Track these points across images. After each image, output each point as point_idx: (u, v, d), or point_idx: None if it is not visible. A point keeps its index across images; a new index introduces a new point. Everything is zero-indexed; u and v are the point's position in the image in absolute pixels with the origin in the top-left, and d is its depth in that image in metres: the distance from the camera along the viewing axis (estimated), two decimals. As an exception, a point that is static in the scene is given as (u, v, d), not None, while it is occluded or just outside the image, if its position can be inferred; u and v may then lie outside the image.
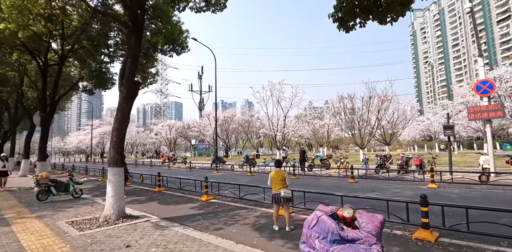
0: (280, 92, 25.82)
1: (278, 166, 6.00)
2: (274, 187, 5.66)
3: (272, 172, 5.80)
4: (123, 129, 6.90)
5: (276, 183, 5.65)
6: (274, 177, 5.67)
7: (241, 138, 50.89)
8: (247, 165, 19.08)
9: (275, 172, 5.72)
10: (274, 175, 5.69)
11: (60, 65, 12.57)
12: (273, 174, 5.71)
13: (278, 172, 5.73)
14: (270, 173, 5.80)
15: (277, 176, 5.66)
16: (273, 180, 5.68)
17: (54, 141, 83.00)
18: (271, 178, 5.74)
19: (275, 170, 5.79)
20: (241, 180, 14.32)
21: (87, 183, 14.75)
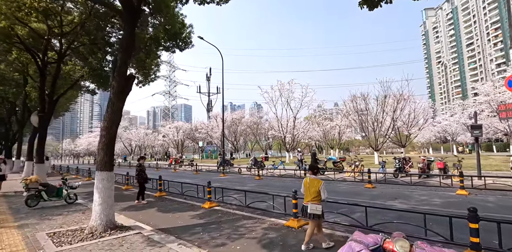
0: (290, 92, 24.89)
1: (315, 173, 4.77)
2: (305, 197, 4.64)
3: (306, 178, 4.70)
4: (113, 128, 6.11)
5: (306, 193, 4.62)
6: (307, 186, 4.60)
7: (250, 140, 50.04)
8: (255, 168, 18.17)
9: (309, 181, 4.59)
10: (307, 184, 4.61)
11: (58, 63, 11.97)
12: (306, 181, 4.63)
13: (313, 181, 4.55)
14: (304, 180, 4.73)
15: (310, 186, 4.56)
16: (305, 189, 4.64)
17: (65, 143, 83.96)
18: (303, 185, 4.70)
19: (310, 178, 4.63)
20: (248, 184, 13.41)
21: (86, 186, 14.11)
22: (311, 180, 4.59)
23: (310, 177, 4.65)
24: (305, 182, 4.63)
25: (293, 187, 12.16)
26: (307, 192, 4.56)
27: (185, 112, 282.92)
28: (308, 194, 4.55)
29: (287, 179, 15.01)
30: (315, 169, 4.81)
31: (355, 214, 6.30)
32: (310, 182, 4.56)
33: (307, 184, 4.57)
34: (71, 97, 20.26)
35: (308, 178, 4.64)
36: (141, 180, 9.47)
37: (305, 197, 4.61)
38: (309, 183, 4.57)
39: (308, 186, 4.56)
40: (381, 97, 20.86)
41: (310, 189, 4.51)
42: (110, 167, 5.97)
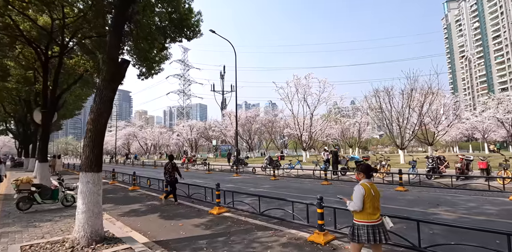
0: (307, 87, 23.47)
1: (369, 175, 3.30)
2: (370, 212, 3.09)
3: (365, 184, 3.16)
4: (101, 121, 5.12)
5: (374, 205, 3.12)
6: (372, 196, 3.10)
7: (264, 139, 48.89)
8: (270, 168, 17.01)
9: (372, 186, 3.16)
10: (371, 192, 3.10)
11: (60, 56, 11.27)
12: (368, 187, 3.12)
13: (374, 186, 3.22)
14: (361, 188, 3.12)
15: (375, 194, 3.15)
16: (370, 200, 3.08)
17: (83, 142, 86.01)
18: (365, 196, 3.07)
19: (370, 183, 3.21)
20: (263, 185, 12.27)
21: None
22: (372, 185, 3.18)
23: (367, 182, 3.20)
24: (368, 190, 3.09)
25: (313, 190, 10.92)
26: (375, 204, 3.11)
27: (200, 112, 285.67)
28: (376, 206, 3.11)
29: (305, 180, 13.77)
30: (370, 169, 3.32)
31: (411, 232, 5.03)
32: (374, 189, 3.15)
33: (372, 193, 3.10)
34: (81, 95, 19.82)
35: (368, 183, 3.17)
36: (174, 180, 8.80)
37: (369, 211, 3.07)
38: (373, 190, 3.12)
39: (373, 195, 3.10)
40: (407, 90, 19.14)
41: (377, 198, 3.14)
42: (97, 167, 4.99)
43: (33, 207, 7.75)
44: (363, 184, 3.12)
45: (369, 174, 3.27)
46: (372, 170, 3.32)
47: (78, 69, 12.40)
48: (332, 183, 12.35)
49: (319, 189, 11.05)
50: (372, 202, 3.04)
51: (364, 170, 3.26)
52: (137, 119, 76.01)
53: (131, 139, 59.35)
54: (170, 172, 8.80)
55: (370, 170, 3.27)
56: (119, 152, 69.08)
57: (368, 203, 3.02)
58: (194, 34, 11.46)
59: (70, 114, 29.44)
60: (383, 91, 20.08)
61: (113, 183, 14.26)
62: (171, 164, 8.89)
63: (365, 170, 3.26)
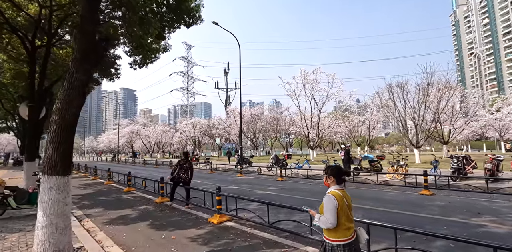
0: (315, 83, 22.25)
1: (341, 180, 2.60)
2: (345, 228, 2.42)
3: (336, 192, 2.46)
4: (70, 111, 4.08)
5: (349, 218, 2.47)
6: (346, 206, 2.45)
7: (269, 137, 47.79)
8: (276, 168, 15.92)
9: (344, 194, 2.51)
10: (345, 202, 2.45)
11: (48, 45, 10.27)
12: (341, 197, 2.44)
13: (346, 193, 2.55)
14: (333, 198, 2.42)
15: (349, 203, 2.52)
16: (344, 213, 2.42)
17: (88, 140, 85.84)
18: (339, 208, 2.39)
19: (342, 190, 2.53)
20: (270, 187, 11.19)
21: (86, 187, 12.50)
22: (344, 192, 2.52)
23: (339, 189, 2.51)
24: (342, 200, 2.43)
25: (324, 192, 9.83)
26: (350, 216, 2.49)
27: (204, 110, 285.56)
28: (349, 218, 2.47)
29: (315, 181, 12.65)
30: (343, 174, 2.62)
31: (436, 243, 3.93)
32: (348, 198, 2.54)
33: (346, 202, 2.48)
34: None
35: (339, 191, 2.48)
36: (187, 179, 8.03)
37: (346, 226, 2.42)
38: (345, 198, 2.49)
39: (348, 204, 2.50)
40: (424, 85, 17.85)
41: (351, 208, 2.55)
42: (64, 169, 3.95)
43: (7, 212, 6.78)
44: (335, 193, 2.44)
45: (341, 178, 2.57)
46: (344, 173, 2.61)
47: (68, 60, 11.38)
48: (347, 186, 11.21)
49: (332, 191, 9.93)
50: (346, 214, 2.42)
51: (335, 174, 2.55)
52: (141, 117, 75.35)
53: (134, 137, 58.66)
54: (187, 171, 8.03)
55: (342, 174, 2.58)
56: (123, 150, 68.64)
57: (343, 217, 2.39)
58: (194, 20, 10.40)
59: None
60: (397, 86, 18.82)
61: (108, 184, 13.31)
62: (189, 162, 8.14)
63: (336, 174, 2.55)
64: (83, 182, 14.49)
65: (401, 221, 5.83)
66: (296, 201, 8.19)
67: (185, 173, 8.02)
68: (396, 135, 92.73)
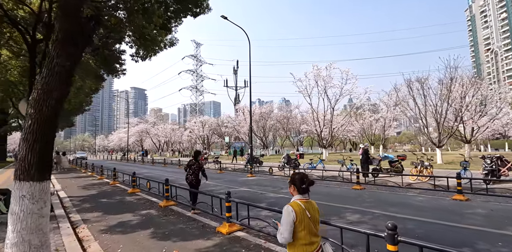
0: (328, 79, 21.24)
1: (304, 190, 2.32)
2: (305, 243, 2.20)
3: (297, 203, 2.26)
4: (49, 103, 3.39)
5: (311, 232, 2.24)
6: (308, 218, 2.22)
7: (279, 136, 46.90)
8: (288, 168, 15.09)
9: (307, 205, 2.27)
10: (306, 214, 2.22)
11: (46, 39, 9.71)
12: (301, 208, 2.22)
13: (311, 204, 2.33)
14: (291, 210, 2.21)
15: (312, 215, 2.27)
16: (305, 227, 2.20)
17: (99, 139, 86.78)
18: (297, 221, 2.18)
19: (304, 200, 2.30)
20: (283, 189, 10.39)
21: (90, 188, 11.97)
22: (308, 203, 2.31)
23: (301, 199, 2.29)
24: (302, 212, 2.21)
25: (344, 196, 8.93)
26: (313, 230, 2.24)
27: (214, 109, 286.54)
28: (315, 233, 2.26)
29: (331, 182, 11.78)
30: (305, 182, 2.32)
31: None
32: (312, 209, 2.29)
33: (309, 214, 2.23)
34: (83, 87, 18.43)
35: (301, 202, 2.27)
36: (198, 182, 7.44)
37: (307, 241, 2.20)
38: (308, 209, 2.25)
39: (311, 217, 2.25)
40: (447, 79, 16.66)
41: (317, 221, 2.32)
42: (40, 173, 3.25)
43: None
44: (294, 204, 2.25)
45: (302, 187, 2.30)
46: (307, 182, 2.30)
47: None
48: (366, 187, 10.31)
49: (352, 194, 9.06)
50: (309, 228, 2.21)
51: (296, 182, 2.32)
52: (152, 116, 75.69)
53: (144, 136, 58.74)
54: (195, 173, 7.30)
55: (303, 182, 2.30)
56: (133, 149, 68.98)
57: (302, 231, 2.19)
58: (201, 10, 9.69)
59: (78, 109, 28.44)
60: (416, 82, 17.66)
61: (113, 184, 12.77)
62: (198, 164, 7.36)
63: (297, 182, 2.31)
64: (88, 182, 14.01)
65: (443, 233, 4.94)
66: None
67: (192, 175, 7.32)
68: (408, 134, 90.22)
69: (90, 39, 3.97)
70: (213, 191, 10.10)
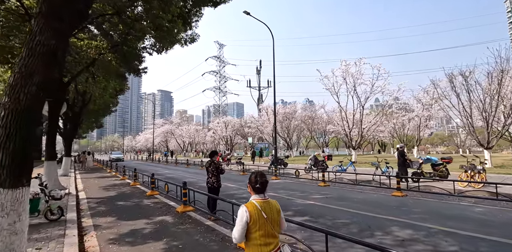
0: (358, 75, 19.80)
1: (259, 189, 2.21)
2: (260, 243, 2.08)
3: (252, 204, 2.14)
4: (30, 90, 2.70)
5: (268, 232, 2.11)
6: (264, 219, 2.09)
7: (304, 136, 45.48)
8: (315, 170, 14.00)
9: (264, 205, 2.15)
10: (262, 215, 2.09)
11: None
12: (257, 209, 2.10)
13: (269, 203, 2.19)
14: (245, 210, 2.09)
15: (269, 215, 2.13)
16: (260, 227, 2.09)
17: (127, 140, 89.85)
18: (251, 222, 2.06)
19: (261, 200, 2.17)
20: (312, 195, 9.36)
21: (110, 189, 11.64)
22: (266, 203, 2.17)
23: (257, 199, 2.17)
24: (257, 212, 2.08)
25: (385, 204, 7.76)
26: (270, 231, 2.10)
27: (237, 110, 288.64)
28: (272, 234, 2.12)
29: (365, 187, 10.56)
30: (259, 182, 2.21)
31: None
32: (269, 209, 2.16)
33: (265, 215, 2.10)
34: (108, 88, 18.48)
35: (258, 203, 2.14)
36: (218, 186, 6.67)
37: (262, 241, 2.08)
38: (267, 211, 2.13)
39: (268, 218, 2.11)
40: (497, 72, 14.70)
41: (275, 222, 2.16)
42: (16, 178, 2.56)
43: (5, 222, 5.79)
44: (249, 204, 2.15)
45: (257, 187, 2.20)
46: (260, 181, 2.20)
47: (89, 51, 10.58)
48: (409, 194, 9.02)
49: (393, 202, 7.86)
50: (264, 228, 2.10)
51: (250, 182, 2.24)
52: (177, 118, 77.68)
53: (169, 137, 59.72)
54: (215, 174, 6.54)
55: (256, 182, 2.20)
56: (159, 149, 70.49)
57: (257, 232, 2.08)
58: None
59: (105, 110, 29.02)
60: (460, 75, 15.79)
61: (134, 185, 12.41)
62: (214, 164, 6.55)
63: (252, 182, 2.23)
64: (110, 183, 13.80)
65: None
66: (352, 216, 6.30)
67: (212, 178, 6.56)
68: (440, 135, 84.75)
69: (82, 14, 3.29)
70: (235, 196, 9.32)
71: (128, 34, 10.63)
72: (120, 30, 10.84)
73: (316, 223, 5.83)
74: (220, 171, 6.62)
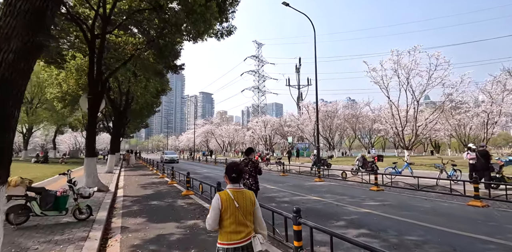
0: (413, 64, 17.54)
1: (234, 179, 2.25)
2: (231, 231, 2.12)
3: (225, 192, 2.18)
4: (5, 58, 2.00)
5: (238, 221, 2.15)
6: (235, 208, 2.13)
7: (346, 136, 42.92)
8: (363, 172, 12.47)
9: (237, 195, 2.18)
10: (234, 203, 2.13)
11: (103, 30, 9.38)
12: (229, 198, 2.15)
13: (243, 193, 2.21)
14: (218, 198, 2.14)
15: (242, 205, 2.16)
16: (231, 215, 2.13)
17: (171, 139, 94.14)
18: (222, 209, 2.11)
19: (235, 189, 2.21)
20: (364, 201, 8.02)
21: (148, 187, 11.44)
22: (240, 193, 2.20)
23: (231, 188, 2.22)
24: (228, 201, 2.12)
25: (465, 217, 6.04)
26: (241, 220, 2.14)
27: (276, 111, 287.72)
28: (243, 223, 2.15)
29: (429, 194, 8.87)
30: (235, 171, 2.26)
31: None
32: (242, 198, 2.18)
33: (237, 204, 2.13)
34: (148, 87, 18.82)
35: (231, 192, 2.18)
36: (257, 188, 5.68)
37: (232, 229, 2.12)
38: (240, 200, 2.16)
39: (240, 207, 2.13)
40: None
41: (247, 212, 2.18)
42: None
43: (33, 219, 5.53)
44: (223, 193, 2.20)
45: (233, 177, 2.25)
46: (236, 171, 2.24)
47: (127, 47, 10.45)
48: (489, 203, 7.24)
49: (474, 215, 6.25)
50: (235, 217, 2.14)
51: (226, 171, 2.29)
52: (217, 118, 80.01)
53: (209, 137, 60.90)
54: (253, 175, 5.59)
55: (232, 172, 2.24)
56: (200, 149, 72.48)
57: (228, 220, 2.13)
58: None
59: (149, 111, 30.04)
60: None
61: (171, 184, 12.12)
62: (253, 163, 5.59)
63: (228, 171, 2.27)
64: (149, 181, 13.76)
65: None
66: (426, 232, 4.95)
67: (249, 179, 5.64)
68: (504, 135, 74.66)
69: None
70: (275, 199, 8.36)
71: (164, 28, 10.31)
72: (156, 24, 10.58)
73: (377, 239, 4.62)
74: (259, 171, 5.71)
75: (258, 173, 5.69)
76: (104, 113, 30.07)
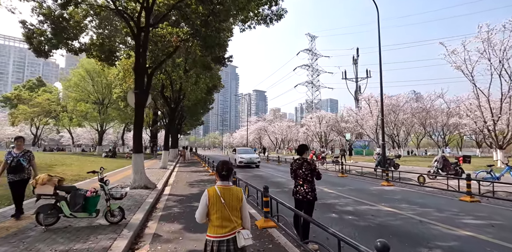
0: (508, 42, 13.97)
1: (223, 176, 2.33)
2: (217, 225, 2.23)
3: (213, 188, 2.28)
4: None
5: (224, 216, 2.23)
6: (221, 203, 2.22)
7: (414, 132, 38.10)
8: (442, 176, 10.07)
9: (224, 191, 2.26)
10: (220, 199, 2.22)
11: (147, 22, 8.98)
12: (215, 194, 2.24)
13: (230, 190, 2.29)
14: (206, 194, 2.27)
15: (228, 201, 2.24)
16: (218, 210, 2.22)
17: (225, 137, 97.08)
18: (209, 204, 2.23)
19: (223, 186, 2.29)
20: (459, 217, 6.05)
21: (195, 185, 10.91)
22: (227, 189, 2.27)
23: (221, 185, 2.30)
24: (215, 197, 2.23)
25: None
26: (227, 215, 2.22)
27: (331, 107, 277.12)
28: (228, 218, 2.22)
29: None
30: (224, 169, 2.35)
31: None
32: (229, 195, 2.25)
33: (223, 200, 2.21)
34: (198, 83, 18.62)
35: (219, 188, 2.27)
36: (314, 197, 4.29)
37: (219, 223, 2.22)
38: (226, 197, 2.24)
39: (226, 203, 2.21)
40: None
41: (233, 208, 2.25)
42: None
43: (64, 220, 5.10)
44: (211, 189, 2.31)
45: (222, 174, 2.33)
46: (226, 169, 2.32)
47: (171, 39, 9.97)
48: None
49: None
50: (222, 212, 2.23)
51: (216, 169, 2.38)
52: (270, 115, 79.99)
53: (262, 134, 60.59)
54: (309, 180, 4.26)
55: (222, 169, 2.32)
56: (253, 146, 72.94)
57: (214, 215, 2.24)
58: None
59: (203, 108, 30.52)
60: None
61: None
62: (308, 165, 4.26)
63: (219, 169, 2.35)
64: (198, 178, 13.38)
65: None
66: None
67: (304, 185, 4.27)
68: None
69: None
70: (336, 207, 6.87)
71: (208, 15, 9.57)
72: (200, 12, 9.89)
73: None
74: (317, 175, 4.34)
75: (316, 178, 4.34)
76: (163, 111, 31.63)
